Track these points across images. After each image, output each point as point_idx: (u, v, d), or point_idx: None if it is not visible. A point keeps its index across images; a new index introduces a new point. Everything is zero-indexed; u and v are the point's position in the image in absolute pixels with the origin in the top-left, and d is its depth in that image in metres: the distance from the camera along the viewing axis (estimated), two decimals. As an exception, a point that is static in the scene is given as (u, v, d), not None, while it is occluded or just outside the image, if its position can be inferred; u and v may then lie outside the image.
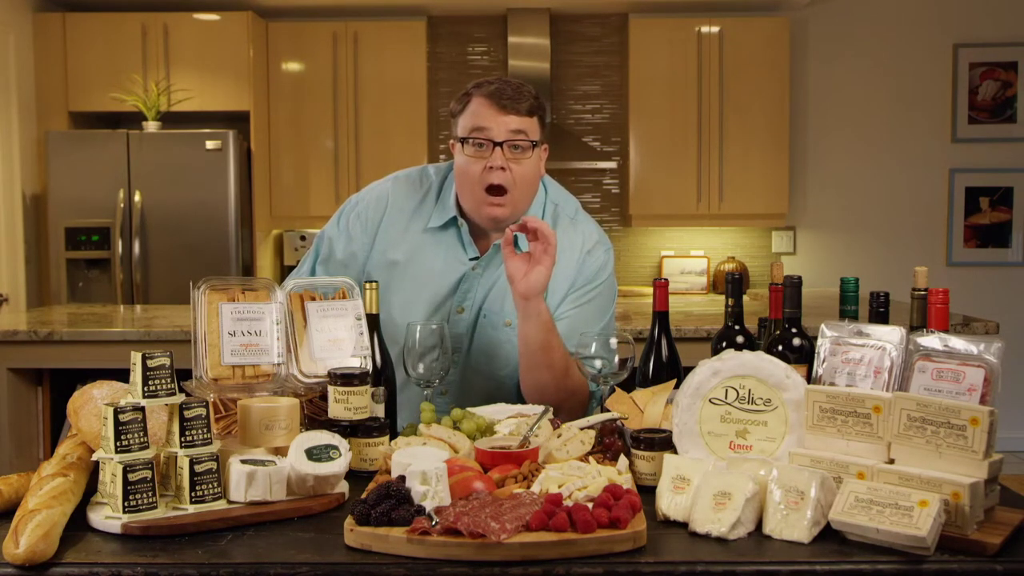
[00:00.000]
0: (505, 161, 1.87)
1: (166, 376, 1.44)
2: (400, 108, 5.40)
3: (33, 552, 1.24)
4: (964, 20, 5.74)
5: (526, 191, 1.93)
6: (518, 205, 1.93)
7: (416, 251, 2.02)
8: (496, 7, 5.59)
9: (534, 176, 1.94)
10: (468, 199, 1.95)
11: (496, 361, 2.01)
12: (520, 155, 1.89)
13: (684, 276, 5.81)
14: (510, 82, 1.91)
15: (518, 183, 1.90)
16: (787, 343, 1.68)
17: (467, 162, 1.90)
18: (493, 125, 1.87)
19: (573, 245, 2.01)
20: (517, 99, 1.88)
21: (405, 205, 2.04)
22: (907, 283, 1.68)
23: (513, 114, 1.87)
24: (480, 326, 2.01)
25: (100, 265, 5.08)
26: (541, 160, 1.96)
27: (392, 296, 2.00)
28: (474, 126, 1.89)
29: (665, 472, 1.43)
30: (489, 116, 1.87)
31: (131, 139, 5.06)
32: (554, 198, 2.07)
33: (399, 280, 2.01)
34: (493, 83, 1.90)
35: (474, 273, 2.00)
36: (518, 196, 1.91)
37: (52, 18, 5.29)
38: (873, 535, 1.27)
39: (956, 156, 5.79)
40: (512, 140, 1.87)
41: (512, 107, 1.87)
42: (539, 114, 1.92)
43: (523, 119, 1.88)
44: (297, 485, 1.46)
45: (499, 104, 1.87)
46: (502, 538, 1.22)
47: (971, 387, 1.40)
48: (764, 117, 5.49)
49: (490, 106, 1.87)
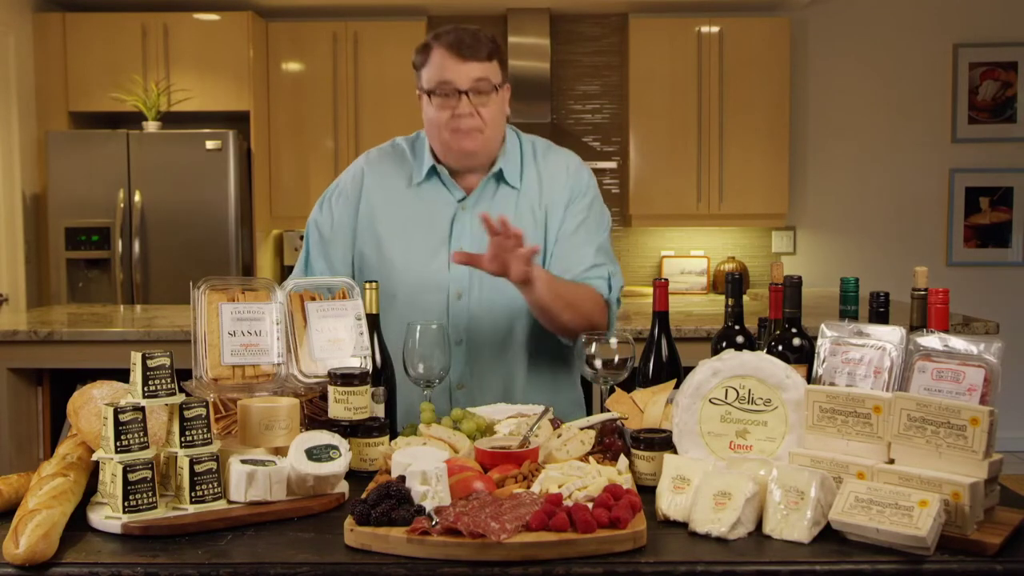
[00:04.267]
0: (472, 107, 1.97)
1: (166, 376, 1.44)
2: (400, 108, 5.40)
3: (33, 552, 1.24)
4: (964, 20, 5.74)
5: (495, 130, 2.04)
6: (488, 143, 2.03)
7: (404, 205, 2.09)
8: (496, 7, 5.59)
9: (500, 115, 2.04)
10: (439, 144, 2.04)
11: (506, 291, 1.99)
12: (485, 99, 1.98)
13: (684, 276, 5.81)
14: (467, 29, 2.00)
15: (488, 124, 2.00)
16: (787, 343, 1.68)
17: (435, 112, 2.00)
18: (456, 76, 1.96)
19: (559, 165, 2.13)
20: (476, 46, 1.96)
21: (382, 170, 2.14)
22: (907, 283, 1.68)
23: (474, 61, 1.96)
24: None
25: (100, 265, 5.08)
26: (505, 101, 2.06)
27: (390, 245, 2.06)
28: (439, 79, 1.97)
29: (665, 472, 1.43)
30: (451, 67, 1.96)
31: (131, 139, 5.06)
32: (528, 139, 2.18)
33: (391, 235, 2.07)
34: (451, 32, 1.98)
35: (464, 211, 2.06)
36: (489, 135, 2.02)
37: (52, 18, 5.29)
38: (873, 535, 1.27)
39: (956, 156, 5.79)
40: (475, 87, 1.97)
41: (472, 55, 1.96)
42: (498, 57, 2.01)
43: (484, 64, 1.97)
44: (297, 485, 1.46)
45: (459, 54, 1.95)
46: (502, 538, 1.22)
47: (971, 387, 1.40)
48: (764, 117, 5.48)
49: (451, 56, 1.96)
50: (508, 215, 1.94)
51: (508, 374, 2.07)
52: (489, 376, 2.06)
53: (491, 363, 2.06)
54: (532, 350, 2.08)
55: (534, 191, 2.08)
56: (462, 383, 2.05)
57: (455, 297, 2.03)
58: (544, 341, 2.08)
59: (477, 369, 2.05)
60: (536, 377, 2.09)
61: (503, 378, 2.07)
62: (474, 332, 2.04)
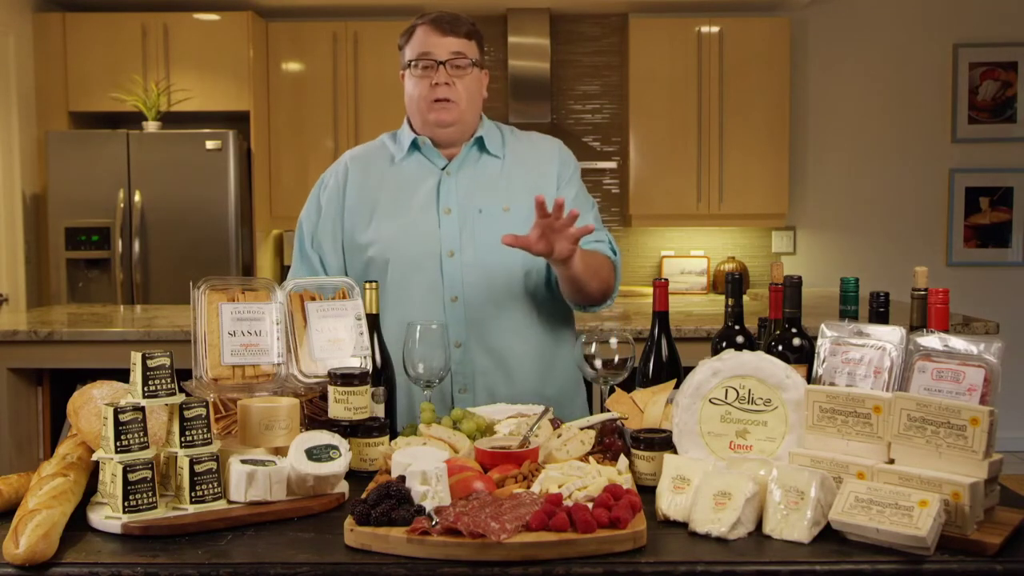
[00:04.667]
0: (449, 77, 2.07)
1: (166, 376, 1.44)
2: (400, 108, 5.37)
3: (33, 552, 1.24)
4: (964, 20, 5.74)
5: (471, 104, 2.12)
6: (464, 116, 2.11)
7: (388, 180, 2.16)
8: (496, 7, 5.59)
9: (477, 91, 2.14)
10: (418, 117, 2.13)
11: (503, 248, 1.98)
12: (462, 72, 2.08)
13: (684, 276, 5.81)
14: (449, 12, 2.13)
15: (463, 94, 2.09)
16: (787, 343, 1.68)
17: (415, 84, 2.10)
18: (435, 48, 2.08)
19: (545, 142, 2.23)
20: (455, 23, 2.09)
21: (364, 159, 2.22)
22: (907, 283, 1.68)
23: (452, 35, 2.08)
24: (481, 222, 2.09)
25: (100, 265, 5.08)
26: (482, 83, 2.17)
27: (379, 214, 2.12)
28: (420, 52, 2.09)
29: (665, 472, 1.43)
30: (431, 41, 2.08)
31: (131, 139, 5.06)
32: (506, 126, 2.27)
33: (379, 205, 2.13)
34: (433, 14, 2.12)
35: (449, 176, 2.13)
36: (464, 107, 2.10)
37: (52, 18, 5.29)
38: (873, 535, 1.27)
39: (956, 156, 5.79)
40: (453, 60, 2.07)
41: (451, 30, 2.08)
42: (476, 39, 2.13)
43: (461, 40, 2.09)
44: (297, 485, 1.46)
45: (439, 28, 2.08)
46: (502, 538, 1.22)
47: (971, 387, 1.40)
48: (764, 117, 5.48)
49: (432, 31, 2.08)
50: (498, 182, 2.09)
51: (506, 330, 2.10)
52: (487, 335, 2.08)
53: (489, 321, 2.08)
54: (529, 307, 2.12)
55: (525, 161, 2.17)
56: (459, 341, 2.07)
57: (447, 255, 2.08)
58: (541, 298, 2.14)
59: (475, 328, 2.08)
60: (533, 337, 2.12)
61: (501, 335, 2.09)
62: (469, 288, 2.08)
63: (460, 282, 2.08)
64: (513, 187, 2.12)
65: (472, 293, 2.08)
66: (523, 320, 2.11)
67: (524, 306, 2.11)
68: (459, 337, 2.07)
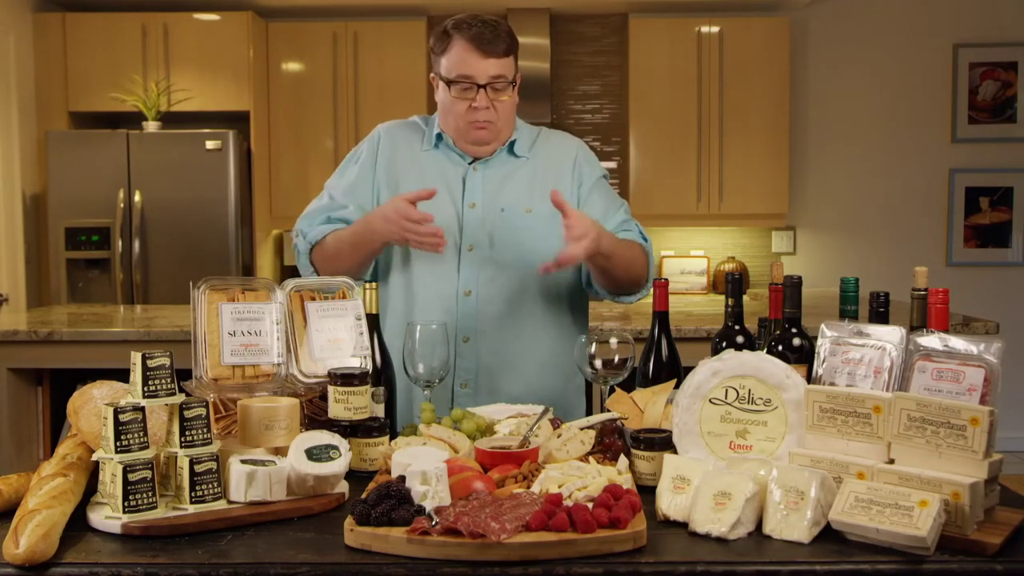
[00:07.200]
0: (488, 101, 2.05)
1: (166, 376, 1.44)
2: (400, 108, 5.39)
3: (33, 552, 1.24)
4: (964, 20, 5.74)
5: (508, 122, 2.14)
6: (500, 133, 2.13)
7: (417, 162, 2.17)
8: (496, 7, 5.59)
9: (512, 107, 2.14)
10: (453, 130, 2.12)
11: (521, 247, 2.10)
12: (500, 94, 2.07)
13: (684, 276, 5.81)
14: (487, 22, 2.07)
15: (501, 116, 2.09)
16: (787, 343, 1.68)
17: (453, 101, 2.07)
18: (476, 72, 2.03)
19: (568, 140, 2.26)
20: (495, 41, 2.03)
21: (398, 133, 2.22)
22: (907, 283, 1.68)
23: (493, 58, 2.03)
24: (503, 220, 2.11)
25: (100, 265, 5.08)
26: (515, 90, 2.14)
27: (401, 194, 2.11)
28: (459, 72, 2.04)
29: (665, 472, 1.43)
30: (472, 62, 2.03)
31: (131, 139, 5.06)
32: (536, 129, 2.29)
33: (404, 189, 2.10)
34: (473, 25, 2.04)
35: (476, 172, 2.14)
36: (501, 126, 2.12)
37: (52, 18, 5.29)
38: (873, 535, 1.27)
39: (956, 156, 5.79)
40: (493, 83, 2.05)
41: (492, 51, 2.03)
42: (514, 52, 2.10)
43: (501, 61, 2.05)
44: (297, 485, 1.46)
45: (480, 49, 2.02)
46: (502, 538, 1.22)
47: (971, 387, 1.40)
48: (764, 117, 5.48)
49: (472, 51, 2.03)
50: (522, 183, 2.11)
51: (515, 329, 2.10)
52: (496, 332, 2.09)
53: (500, 319, 2.09)
54: (541, 308, 2.12)
55: (548, 163, 2.18)
56: (467, 336, 2.08)
57: (467, 249, 2.08)
58: (554, 300, 2.14)
59: (485, 324, 2.08)
60: (541, 338, 2.13)
61: (510, 333, 2.10)
62: (484, 284, 2.09)
63: (475, 277, 2.08)
64: (536, 189, 2.12)
65: (486, 289, 2.08)
66: (534, 321, 2.11)
67: (536, 307, 2.11)
68: (468, 332, 2.08)
